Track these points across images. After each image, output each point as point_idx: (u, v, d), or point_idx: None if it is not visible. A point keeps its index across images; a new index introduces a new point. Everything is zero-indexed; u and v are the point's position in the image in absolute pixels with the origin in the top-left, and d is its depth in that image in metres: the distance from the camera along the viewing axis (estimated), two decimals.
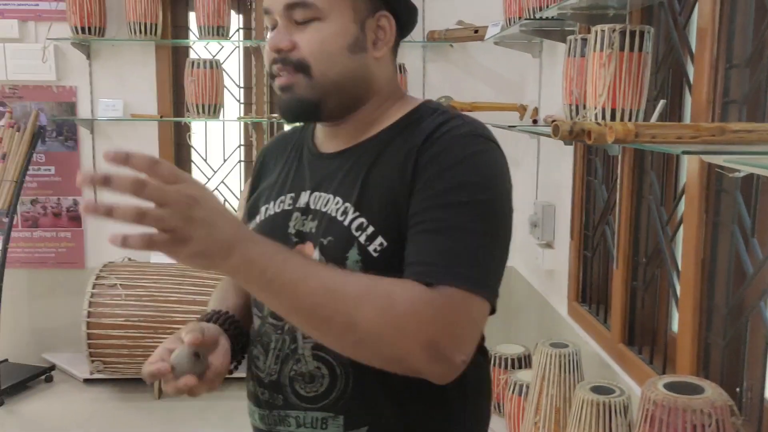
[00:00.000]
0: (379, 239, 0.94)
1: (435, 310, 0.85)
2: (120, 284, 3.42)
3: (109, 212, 0.76)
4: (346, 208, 0.98)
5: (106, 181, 0.76)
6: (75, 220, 3.89)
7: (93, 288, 3.42)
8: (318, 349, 0.98)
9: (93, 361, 3.43)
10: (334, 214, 0.99)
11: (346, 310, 0.84)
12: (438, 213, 0.91)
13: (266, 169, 1.17)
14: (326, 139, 1.08)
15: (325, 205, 1.00)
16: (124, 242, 0.77)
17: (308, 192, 1.04)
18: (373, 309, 0.84)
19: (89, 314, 3.37)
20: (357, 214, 0.96)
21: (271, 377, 1.03)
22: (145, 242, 0.78)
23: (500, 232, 0.95)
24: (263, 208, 1.09)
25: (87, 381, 3.64)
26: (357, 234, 0.95)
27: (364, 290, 0.85)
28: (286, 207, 1.05)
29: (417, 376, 0.89)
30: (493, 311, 0.93)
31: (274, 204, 1.08)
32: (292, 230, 1.03)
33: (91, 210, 0.76)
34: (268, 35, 1.02)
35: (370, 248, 0.94)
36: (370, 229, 0.95)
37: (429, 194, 0.92)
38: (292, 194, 1.06)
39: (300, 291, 0.84)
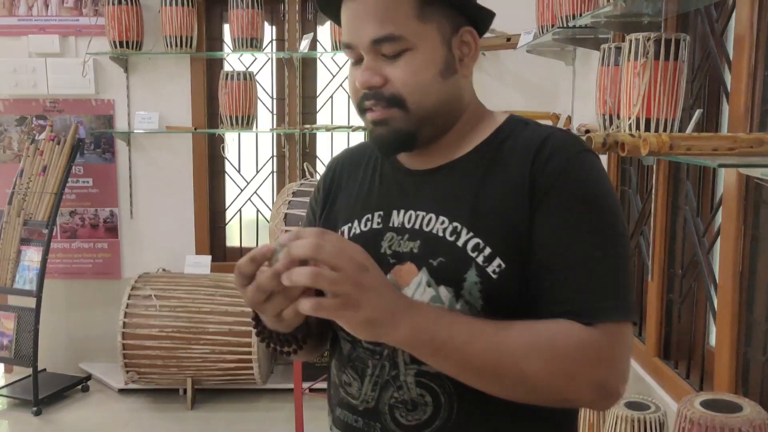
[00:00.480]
0: (497, 261, 0.92)
1: (599, 351, 0.87)
2: (155, 295, 3.47)
3: (289, 276, 0.79)
4: (456, 228, 0.95)
5: (284, 246, 0.80)
6: (111, 231, 3.96)
7: (128, 299, 3.47)
8: (422, 375, 0.95)
9: (128, 372, 3.48)
10: (441, 234, 0.96)
11: (516, 365, 0.85)
12: (574, 244, 0.91)
13: (340, 186, 1.11)
14: (413, 155, 1.03)
15: (428, 225, 0.97)
16: (297, 307, 0.81)
17: (401, 211, 1.00)
18: (541, 360, 0.85)
19: (124, 325, 3.42)
20: (471, 234, 0.94)
21: (367, 404, 1.00)
22: (317, 306, 0.80)
23: (627, 248, 0.96)
24: (345, 227, 1.05)
25: (122, 391, 3.69)
26: (474, 255, 0.93)
27: (529, 342, 0.86)
28: (375, 226, 1.02)
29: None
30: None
31: (359, 223, 1.04)
32: (386, 250, 0.99)
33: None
34: (351, 67, 0.99)
35: (489, 270, 0.92)
36: (488, 251, 0.93)
37: (559, 222, 0.91)
38: (380, 212, 1.02)
39: (469, 353, 0.85)
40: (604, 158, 2.70)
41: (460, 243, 0.94)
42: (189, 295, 3.48)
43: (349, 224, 1.05)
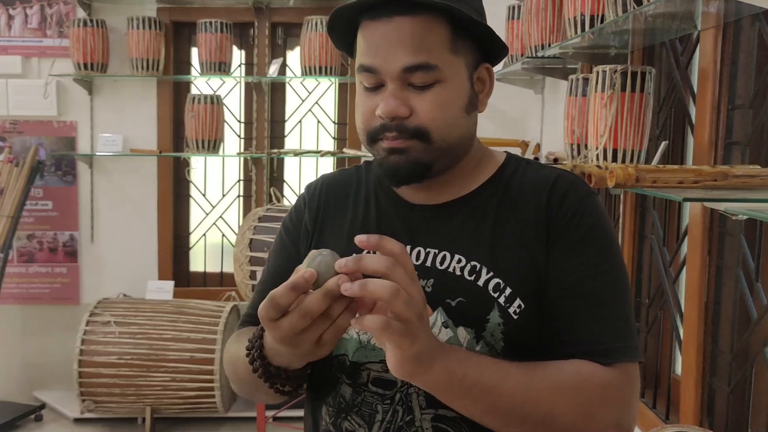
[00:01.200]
0: (518, 301, 0.92)
1: (619, 392, 0.89)
2: (114, 321, 3.37)
3: (364, 285, 0.74)
4: (474, 266, 0.93)
5: (359, 263, 0.76)
6: (71, 255, 3.86)
7: (86, 325, 3.37)
8: (439, 420, 0.92)
9: (84, 400, 3.36)
10: (459, 273, 0.94)
11: (543, 407, 0.85)
12: (590, 284, 0.92)
13: (327, 216, 1.05)
14: (417, 189, 1.00)
15: (441, 263, 0.95)
16: (361, 322, 0.76)
17: (407, 247, 0.94)
18: (567, 403, 0.86)
19: (81, 352, 3.32)
20: (492, 274, 0.93)
21: None
22: (383, 324, 0.74)
23: (629, 287, 0.99)
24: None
25: (77, 420, 3.57)
26: (495, 295, 0.92)
27: (555, 384, 0.87)
28: None
29: None
30: None
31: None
32: None
33: (349, 286, 0.75)
34: (365, 92, 0.94)
35: (510, 310, 0.92)
36: (508, 291, 0.92)
37: (575, 263, 0.92)
38: None
39: (498, 395, 0.84)
40: None
41: (480, 283, 0.92)
42: (150, 321, 3.39)
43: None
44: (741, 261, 1.69)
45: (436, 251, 0.96)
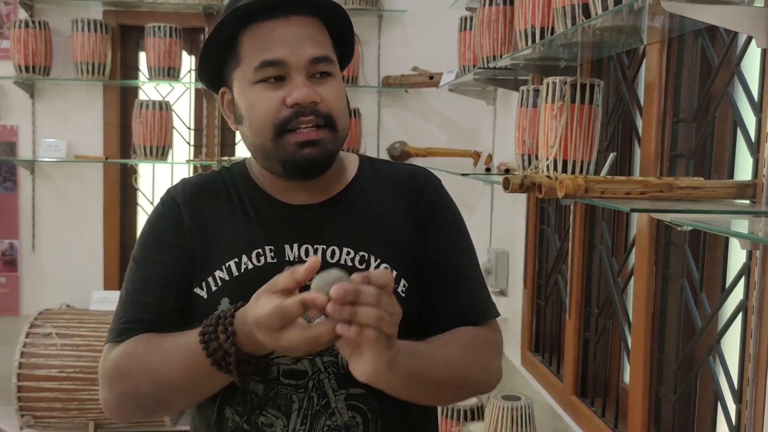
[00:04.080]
0: (403, 281, 1.05)
1: (498, 343, 1.09)
2: (56, 333, 3.26)
3: (353, 314, 0.81)
4: (363, 256, 1.04)
5: (357, 294, 0.81)
6: (10, 264, 3.72)
7: (26, 337, 3.24)
8: (351, 399, 1.02)
9: (23, 415, 3.24)
10: (350, 264, 1.04)
11: (460, 373, 1.01)
12: (460, 259, 1.10)
13: (204, 221, 1.07)
14: (287, 191, 1.07)
15: (332, 257, 1.04)
16: (363, 337, 0.82)
17: (294, 245, 1.04)
18: (475, 365, 1.03)
19: (21, 365, 3.19)
20: (379, 260, 1.04)
21: None
22: (376, 338, 0.83)
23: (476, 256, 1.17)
24: (231, 262, 1.03)
25: None
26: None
27: (465, 353, 1.02)
28: (270, 260, 1.03)
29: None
30: None
31: (250, 258, 1.04)
32: None
33: (344, 329, 0.81)
34: (266, 87, 1.00)
35: (399, 290, 1.05)
36: (395, 273, 1.04)
37: (444, 245, 1.09)
38: (271, 247, 1.04)
39: (431, 375, 0.96)
40: (523, 196, 2.75)
41: (371, 269, 1.02)
42: (94, 333, 3.28)
43: (236, 259, 1.03)
44: (686, 271, 1.73)
45: (325, 247, 1.05)
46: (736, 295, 1.53)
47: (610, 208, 1.97)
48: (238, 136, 3.94)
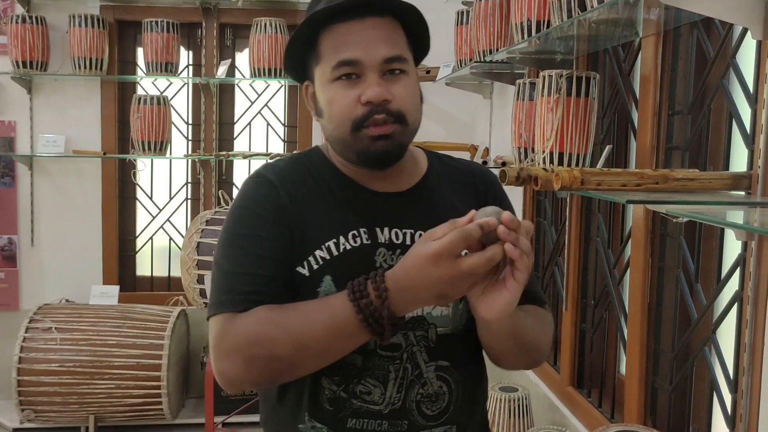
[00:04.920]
0: None
1: (552, 327, 1.22)
2: (55, 327, 3.27)
3: (517, 240, 0.91)
4: None
5: (519, 224, 0.91)
6: (10, 259, 3.73)
7: (26, 332, 3.25)
8: (439, 370, 1.11)
9: (23, 410, 3.24)
10: None
11: (537, 338, 1.14)
12: None
13: (298, 204, 1.11)
14: (369, 178, 1.14)
15: (413, 241, 1.11)
16: (511, 250, 0.91)
17: (384, 228, 1.11)
18: (545, 335, 1.17)
19: (20, 360, 3.20)
20: None
21: (393, 406, 1.09)
22: (526, 265, 0.93)
23: None
24: (330, 243, 1.09)
25: (16, 431, 3.44)
26: None
27: (541, 325, 1.16)
28: (365, 242, 1.10)
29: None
30: None
31: (347, 239, 1.10)
32: (382, 264, 1.09)
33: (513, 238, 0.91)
34: (342, 84, 1.07)
35: None
36: None
37: None
38: (365, 230, 1.10)
39: (522, 327, 1.09)
40: (519, 190, 2.76)
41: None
42: (93, 327, 3.29)
43: (334, 240, 1.09)
44: (681, 263, 1.74)
45: (412, 231, 1.12)
46: (732, 286, 1.54)
47: (606, 199, 1.98)
48: (235, 131, 3.94)
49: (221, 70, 3.67)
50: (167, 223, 3.98)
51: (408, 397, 1.10)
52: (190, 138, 3.93)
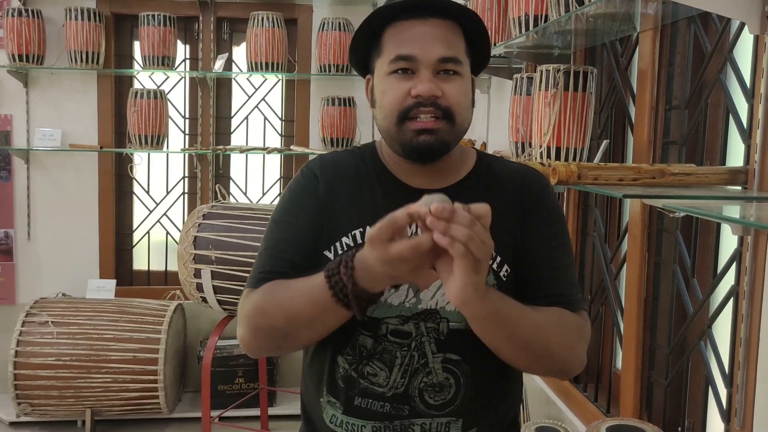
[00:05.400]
0: (506, 267, 1.15)
1: (586, 331, 1.14)
2: (52, 321, 3.26)
3: (448, 228, 0.91)
4: None
5: (452, 213, 0.92)
6: (6, 253, 3.72)
7: (22, 325, 3.25)
8: (447, 362, 1.13)
9: (20, 403, 3.25)
10: None
11: (544, 339, 1.07)
12: (556, 252, 1.17)
13: (335, 191, 1.19)
14: (411, 173, 1.19)
15: None
16: (438, 238, 0.91)
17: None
18: (559, 339, 1.09)
19: (17, 353, 3.20)
20: None
21: (396, 390, 1.14)
22: (464, 252, 0.91)
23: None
24: (356, 232, 1.16)
25: (13, 424, 3.45)
26: (489, 263, 1.09)
27: (553, 324, 1.09)
28: None
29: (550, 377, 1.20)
30: None
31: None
32: None
33: (445, 214, 0.91)
34: (397, 77, 1.12)
35: (501, 274, 1.15)
36: (499, 258, 1.15)
37: (545, 236, 1.17)
38: None
39: (518, 326, 1.04)
40: None
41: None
42: (90, 321, 3.29)
43: (361, 229, 1.16)
44: (678, 257, 1.74)
45: None
46: (728, 281, 1.54)
47: (603, 194, 1.99)
48: (232, 125, 3.94)
49: (218, 64, 3.66)
50: (164, 218, 3.98)
51: (411, 383, 1.14)
52: (187, 132, 3.92)
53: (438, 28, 1.13)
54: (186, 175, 3.95)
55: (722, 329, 1.59)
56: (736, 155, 1.58)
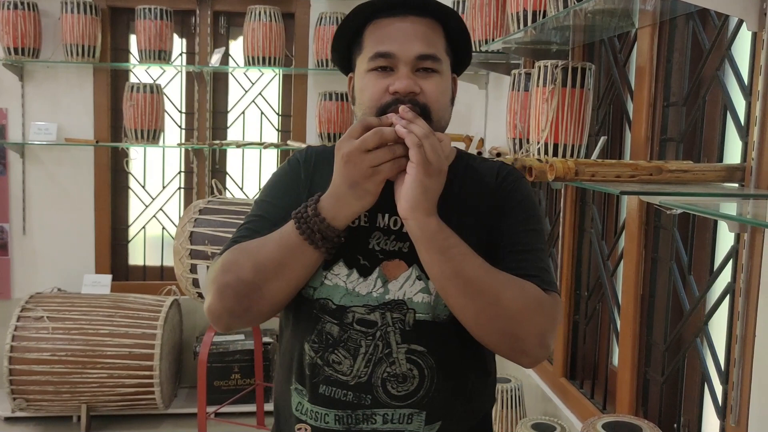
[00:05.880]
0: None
1: (552, 309, 1.09)
2: (47, 316, 3.25)
3: (409, 126, 1.01)
4: None
5: (416, 117, 1.03)
6: (1, 248, 3.71)
7: (17, 320, 3.24)
8: (411, 353, 1.13)
9: (15, 399, 3.24)
10: None
11: (496, 289, 1.05)
12: (525, 238, 1.17)
13: (315, 178, 1.22)
14: None
15: None
16: (399, 128, 1.02)
17: (386, 215, 1.16)
18: (514, 292, 1.06)
19: (12, 348, 3.19)
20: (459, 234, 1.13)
21: (359, 379, 1.14)
22: (424, 135, 1.01)
23: (546, 242, 1.24)
24: None
25: (8, 419, 3.43)
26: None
27: (509, 279, 1.07)
28: (363, 224, 1.16)
29: (512, 359, 1.10)
30: None
31: None
32: (374, 247, 1.15)
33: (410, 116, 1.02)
34: (375, 75, 1.14)
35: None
36: (472, 242, 1.14)
37: (517, 222, 1.17)
38: (366, 213, 1.15)
39: (467, 262, 1.05)
40: None
41: None
42: (85, 316, 3.28)
43: None
44: (674, 254, 1.74)
45: None
46: (724, 278, 1.54)
47: (600, 190, 1.98)
48: (229, 120, 3.93)
49: (215, 59, 3.65)
50: (160, 212, 3.96)
51: (375, 373, 1.14)
52: (183, 127, 3.91)
53: (417, 25, 1.14)
54: (182, 169, 3.94)
55: (718, 326, 1.59)
56: (733, 152, 1.58)
